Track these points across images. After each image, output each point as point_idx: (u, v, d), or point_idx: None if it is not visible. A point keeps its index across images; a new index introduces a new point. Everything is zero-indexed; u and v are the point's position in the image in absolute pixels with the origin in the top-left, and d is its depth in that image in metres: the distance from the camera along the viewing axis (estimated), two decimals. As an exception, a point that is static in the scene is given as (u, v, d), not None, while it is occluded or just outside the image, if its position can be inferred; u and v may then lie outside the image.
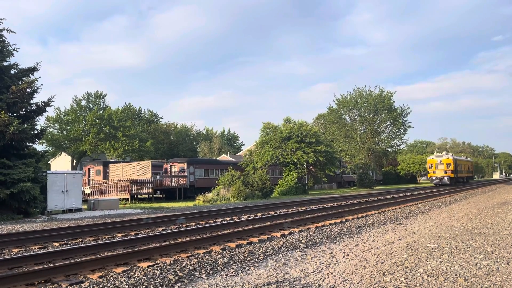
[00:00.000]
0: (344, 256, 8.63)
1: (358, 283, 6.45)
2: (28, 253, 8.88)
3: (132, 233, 12.30)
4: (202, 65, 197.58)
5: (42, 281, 6.58)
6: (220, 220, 15.39)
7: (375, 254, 8.65)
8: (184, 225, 14.07)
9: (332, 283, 6.49)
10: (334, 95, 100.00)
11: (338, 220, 14.45)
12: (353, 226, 13.30)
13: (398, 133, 61.34)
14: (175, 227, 13.74)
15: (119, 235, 11.98)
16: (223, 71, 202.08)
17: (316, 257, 8.65)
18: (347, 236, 11.57)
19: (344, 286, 6.28)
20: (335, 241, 10.71)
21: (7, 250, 9.67)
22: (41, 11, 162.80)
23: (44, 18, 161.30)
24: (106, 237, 11.67)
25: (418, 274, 6.83)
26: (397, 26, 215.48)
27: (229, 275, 7.27)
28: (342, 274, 7.06)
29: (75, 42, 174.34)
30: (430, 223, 13.79)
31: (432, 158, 54.55)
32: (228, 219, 15.69)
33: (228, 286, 6.40)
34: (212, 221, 15.00)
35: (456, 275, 6.74)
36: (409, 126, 61.16)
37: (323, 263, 8.03)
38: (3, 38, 20.86)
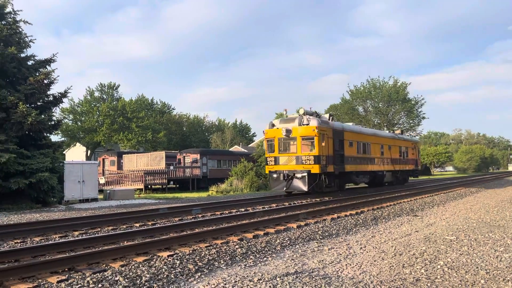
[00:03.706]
0: (361, 248, 8.63)
1: (377, 275, 6.47)
2: (51, 242, 9.06)
3: (150, 223, 12.45)
4: (214, 57, 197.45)
5: (66, 269, 6.72)
6: (235, 210, 15.48)
7: (393, 246, 8.64)
8: (200, 216, 14.19)
9: (351, 274, 6.52)
10: (348, 85, 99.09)
11: (353, 212, 14.43)
12: (368, 217, 13.28)
13: (412, 124, 60.69)
14: (191, 217, 13.87)
15: (137, 224, 12.13)
16: (235, 62, 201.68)
17: (333, 248, 8.67)
18: (363, 227, 11.56)
19: (363, 278, 6.30)
20: (351, 233, 10.72)
21: (29, 239, 9.88)
22: (55, 3, 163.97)
23: (59, 10, 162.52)
24: (124, 226, 11.83)
25: (438, 267, 6.81)
26: (411, 16, 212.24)
27: (247, 265, 7.34)
28: (361, 266, 7.08)
29: (89, 34, 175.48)
30: (447, 215, 13.69)
31: (276, 128, 21.40)
32: (243, 209, 15.77)
33: (247, 276, 6.46)
34: (227, 212, 15.09)
35: (477, 267, 6.71)
36: (424, 117, 60.48)
37: (340, 254, 8.06)
38: (20, 29, 21.07)
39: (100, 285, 5.92)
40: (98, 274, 6.43)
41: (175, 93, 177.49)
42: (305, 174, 19.82)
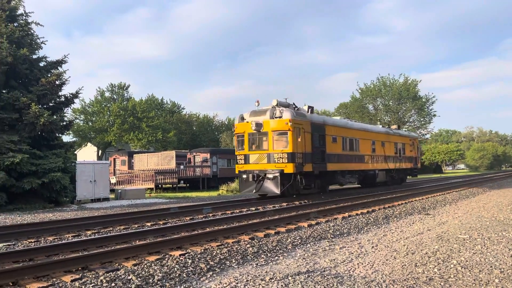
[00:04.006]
0: (373, 247, 8.59)
1: (390, 274, 6.43)
2: (64, 241, 9.18)
3: (161, 222, 12.52)
4: (223, 56, 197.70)
5: (80, 268, 6.79)
6: (245, 209, 15.50)
7: (405, 245, 8.59)
8: (210, 215, 14.24)
9: (363, 274, 6.49)
10: (357, 84, 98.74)
11: (364, 211, 14.36)
12: (380, 216, 13.21)
13: (423, 122, 60.25)
14: (202, 216, 13.92)
15: (148, 224, 12.21)
16: (243, 61, 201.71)
17: (345, 247, 8.64)
18: (374, 226, 11.50)
19: (376, 277, 6.27)
20: (362, 232, 10.68)
21: (42, 238, 10.00)
22: (66, 5, 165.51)
23: (69, 11, 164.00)
24: (136, 226, 11.92)
25: (452, 266, 6.75)
26: (421, 12, 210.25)
27: (259, 264, 7.35)
28: (373, 265, 7.04)
29: (99, 35, 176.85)
30: (459, 214, 13.56)
31: (246, 122, 19.03)
32: (253, 208, 15.79)
33: (259, 275, 6.47)
34: (237, 211, 15.12)
35: (491, 266, 6.64)
36: (435, 115, 60.02)
37: (352, 253, 8.03)
38: (32, 31, 21.34)
39: (113, 284, 5.97)
40: (111, 273, 6.48)
41: (185, 92, 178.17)
42: (277, 174, 17.42)
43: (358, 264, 7.14)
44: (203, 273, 6.71)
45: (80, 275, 6.39)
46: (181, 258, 7.46)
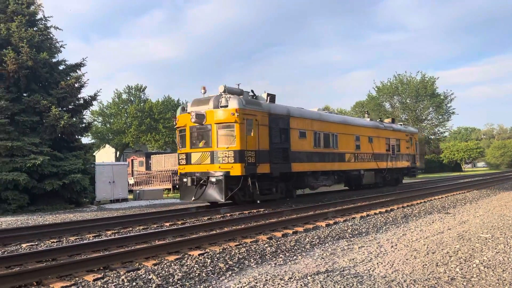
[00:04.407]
0: (392, 246, 8.51)
1: (410, 273, 6.36)
2: (85, 241, 9.34)
3: (179, 222, 12.63)
4: (238, 56, 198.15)
5: (101, 268, 6.90)
6: (263, 209, 15.52)
7: (425, 244, 8.48)
8: (228, 215, 14.30)
9: (383, 273, 6.44)
10: (374, 82, 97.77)
11: (383, 210, 14.23)
12: (398, 215, 13.07)
13: (441, 120, 59.35)
14: (219, 216, 13.99)
15: (167, 224, 12.33)
16: (259, 61, 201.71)
17: (364, 246, 8.58)
18: (393, 225, 11.39)
19: (396, 276, 6.21)
20: (381, 231, 10.58)
21: (64, 238, 10.19)
22: (83, 9, 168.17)
23: (86, 15, 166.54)
24: (155, 226, 12.05)
25: (474, 265, 6.64)
26: (438, 8, 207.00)
27: (277, 264, 7.35)
28: (393, 264, 6.98)
29: (116, 38, 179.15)
30: (480, 213, 13.32)
31: (187, 113, 15.71)
32: (271, 208, 15.79)
33: (278, 274, 6.48)
34: (255, 211, 15.15)
35: (514, 266, 6.51)
36: (453, 113, 59.08)
37: (371, 253, 7.97)
38: (51, 35, 21.75)
39: (134, 284, 6.05)
40: (132, 272, 6.58)
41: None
42: (222, 177, 14.31)
43: (377, 263, 7.08)
44: (222, 273, 6.75)
45: (102, 274, 6.50)
46: (200, 258, 7.52)
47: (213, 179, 14.49)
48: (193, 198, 14.99)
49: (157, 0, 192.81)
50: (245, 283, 6.04)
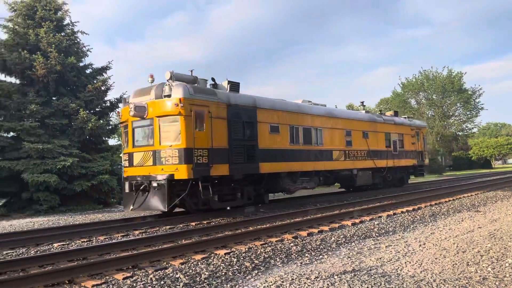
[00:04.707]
0: (420, 245, 8.36)
1: (440, 273, 6.24)
2: (114, 241, 9.55)
3: (205, 222, 12.74)
4: (260, 55, 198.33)
5: (130, 267, 7.04)
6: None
7: (455, 243, 8.30)
8: (253, 214, 14.33)
9: (412, 272, 6.34)
10: (399, 78, 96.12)
11: (410, 208, 13.99)
12: (426, 214, 12.82)
13: (469, 115, 57.87)
14: (244, 215, 14.04)
15: (193, 223, 12.46)
16: (281, 59, 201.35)
17: (391, 245, 8.47)
18: (421, 224, 11.18)
19: (425, 276, 6.11)
20: (408, 230, 10.41)
21: (94, 238, 10.44)
22: (108, 13, 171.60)
23: (112, 20, 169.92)
24: (181, 225, 12.20)
25: (507, 265, 6.46)
26: (465, 1, 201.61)
27: (303, 263, 7.34)
28: (421, 264, 6.86)
29: (140, 40, 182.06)
30: (513, 211, 12.93)
31: (127, 104, 13.53)
32: (295, 208, 15.75)
33: (304, 274, 6.46)
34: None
35: (550, 266, 6.30)
36: (482, 108, 57.51)
37: (398, 252, 7.85)
38: (78, 40, 22.31)
39: (162, 282, 6.15)
40: (160, 271, 6.69)
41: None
42: (164, 181, 12.04)
43: (405, 263, 6.97)
44: (249, 272, 6.78)
45: (131, 273, 6.63)
46: (226, 257, 7.58)
47: (155, 184, 12.16)
48: (131, 207, 12.69)
49: (179, 3, 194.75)
50: (271, 282, 6.05)
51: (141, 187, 12.41)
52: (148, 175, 12.51)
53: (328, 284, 5.79)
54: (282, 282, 6.02)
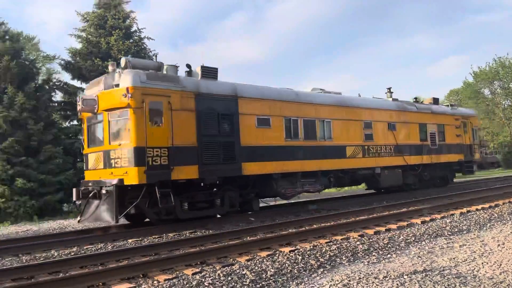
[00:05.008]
0: (499, 245, 7.82)
1: (522, 275, 5.80)
2: (183, 237, 9.91)
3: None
4: (321, 51, 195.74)
5: (198, 263, 7.29)
6: (352, 207, 15.19)
7: (538, 243, 7.67)
8: (316, 211, 14.23)
9: (490, 274, 5.96)
10: (471, 67, 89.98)
11: (486, 205, 13.12)
12: (505, 211, 11.96)
13: (553, 104, 53.01)
14: (307, 213, 13.98)
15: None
16: (341, 54, 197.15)
17: (465, 245, 8.01)
18: (499, 222, 10.46)
19: (505, 278, 5.71)
20: (485, 228, 9.79)
21: (164, 234, 10.91)
22: (171, 18, 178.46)
23: (174, 24, 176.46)
24: (245, 222, 12.40)
25: None
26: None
27: (370, 262, 7.17)
28: (500, 264, 6.42)
29: (201, 42, 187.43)
30: None
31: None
32: (361, 205, 15.41)
33: (371, 273, 6.30)
34: (344, 207, 14.89)
35: None
36: None
37: (474, 252, 7.41)
38: (145, 45, 23.42)
39: (229, 278, 6.30)
40: (227, 267, 6.85)
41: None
42: (111, 188, 10.27)
43: (482, 263, 6.56)
44: (314, 270, 6.75)
45: (200, 268, 6.85)
46: (291, 254, 7.59)
47: (104, 191, 10.46)
48: (79, 218, 11.12)
49: (238, 3, 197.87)
50: (337, 280, 5.97)
51: (90, 195, 10.76)
52: (99, 180, 10.88)
53: (397, 284, 5.60)
54: (349, 281, 5.92)
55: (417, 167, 18.78)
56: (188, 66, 12.62)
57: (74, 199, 11.41)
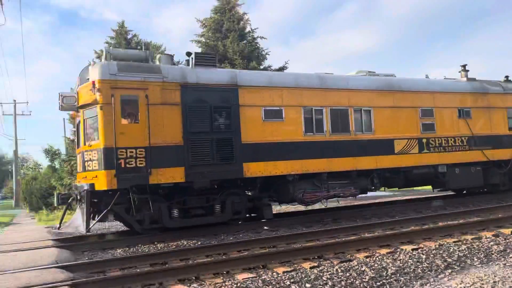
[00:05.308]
0: None
1: None
2: (300, 231, 10.02)
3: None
4: (442, 34, 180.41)
5: (316, 257, 7.32)
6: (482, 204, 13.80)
7: None
8: (441, 208, 13.25)
9: None
10: None
11: None
12: None
13: None
14: (431, 210, 13.10)
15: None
16: (468, 36, 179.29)
17: None
18: None
19: None
20: None
21: (280, 229, 11.17)
22: (283, 16, 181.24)
23: (286, 21, 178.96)
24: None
25: None
26: None
27: (507, 264, 6.45)
28: None
29: (312, 37, 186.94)
30: None
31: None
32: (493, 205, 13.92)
33: (509, 276, 5.68)
34: (471, 204, 13.61)
35: None
36: None
37: None
38: (258, 45, 24.17)
39: (348, 274, 6.21)
40: (344, 263, 6.76)
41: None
42: (83, 193, 9.69)
43: None
44: (441, 270, 6.30)
45: (317, 263, 6.87)
46: (414, 253, 7.20)
47: (79, 197, 9.99)
48: (58, 226, 10.79)
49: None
50: (468, 283, 5.50)
51: (69, 200, 10.41)
52: (75, 184, 10.65)
53: (542, 292, 4.95)
54: (482, 284, 5.41)
55: (504, 163, 14.94)
56: (188, 54, 11.24)
57: (55, 204, 11.17)
